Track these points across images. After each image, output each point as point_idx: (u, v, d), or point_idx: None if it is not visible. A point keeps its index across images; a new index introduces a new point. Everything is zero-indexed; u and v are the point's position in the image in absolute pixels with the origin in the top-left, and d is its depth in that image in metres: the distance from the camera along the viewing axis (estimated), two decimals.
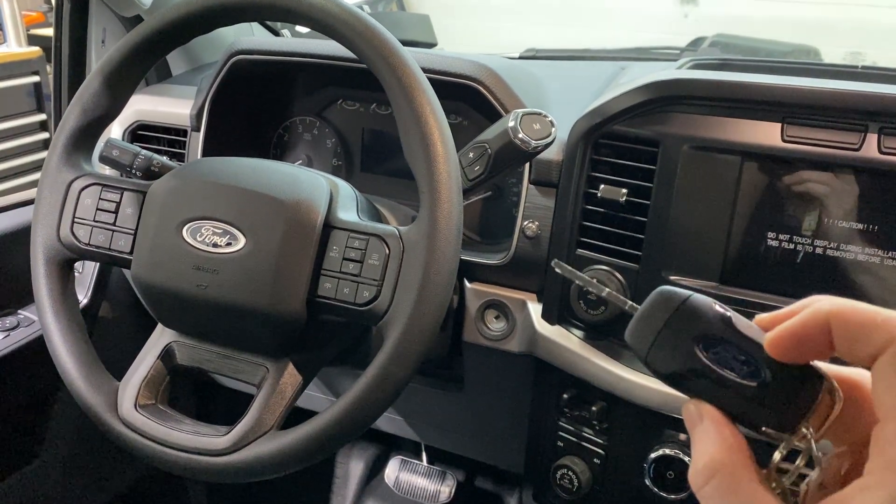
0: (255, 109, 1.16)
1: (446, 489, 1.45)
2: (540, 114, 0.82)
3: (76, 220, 0.84)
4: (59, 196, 0.84)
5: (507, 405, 1.08)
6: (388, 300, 0.71)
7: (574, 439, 0.94)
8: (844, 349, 0.35)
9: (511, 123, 0.81)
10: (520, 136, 0.80)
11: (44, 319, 0.83)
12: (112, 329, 1.27)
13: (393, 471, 1.49)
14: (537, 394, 0.99)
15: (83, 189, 0.84)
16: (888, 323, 0.34)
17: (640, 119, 0.84)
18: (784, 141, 0.78)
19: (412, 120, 0.72)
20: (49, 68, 3.09)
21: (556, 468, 0.94)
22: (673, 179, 0.82)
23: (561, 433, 0.95)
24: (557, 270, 0.46)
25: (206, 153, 1.10)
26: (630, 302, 0.42)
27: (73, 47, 1.20)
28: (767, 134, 0.79)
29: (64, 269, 0.85)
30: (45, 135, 3.04)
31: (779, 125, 0.79)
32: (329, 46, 1.02)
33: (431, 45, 1.50)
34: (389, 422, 1.28)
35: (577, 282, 0.47)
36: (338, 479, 1.65)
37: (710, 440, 0.37)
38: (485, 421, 1.15)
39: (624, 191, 0.85)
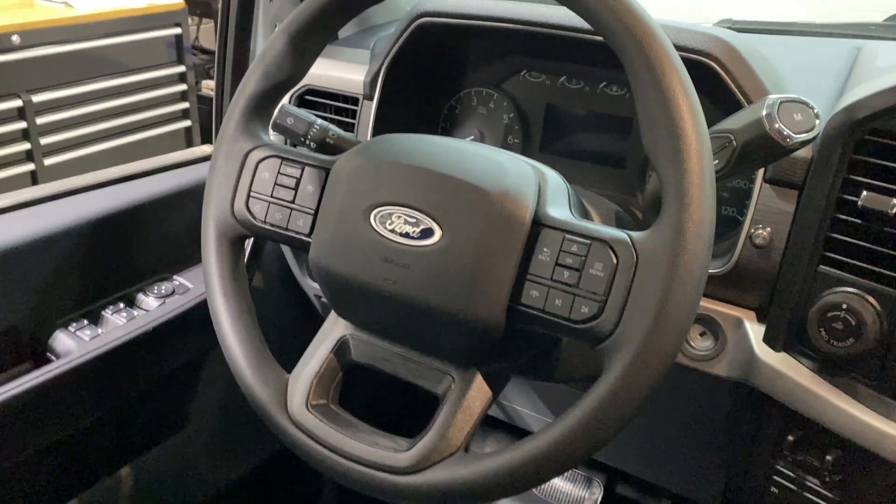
0: (428, 78, 1.05)
1: (591, 497, 1.34)
2: (803, 102, 0.67)
3: (252, 194, 0.76)
4: (235, 167, 0.76)
5: (697, 432, 0.95)
6: (614, 320, 0.60)
7: (795, 488, 0.80)
8: None
9: (765, 112, 0.66)
10: (777, 126, 0.66)
11: (213, 302, 0.76)
12: (263, 303, 1.22)
13: None
14: (748, 428, 0.86)
15: (261, 161, 0.76)
16: None
17: None
18: None
19: (659, 103, 0.59)
20: (191, 20, 3.12)
21: None
22: None
23: (776, 477, 0.82)
24: None
25: (376, 124, 1.01)
26: None
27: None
28: None
29: (236, 247, 0.78)
30: (183, 86, 3.07)
31: None
32: (524, 8, 0.90)
33: None
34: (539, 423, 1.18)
35: None
36: None
37: None
38: (667, 443, 1.03)
39: (895, 201, 0.70)
